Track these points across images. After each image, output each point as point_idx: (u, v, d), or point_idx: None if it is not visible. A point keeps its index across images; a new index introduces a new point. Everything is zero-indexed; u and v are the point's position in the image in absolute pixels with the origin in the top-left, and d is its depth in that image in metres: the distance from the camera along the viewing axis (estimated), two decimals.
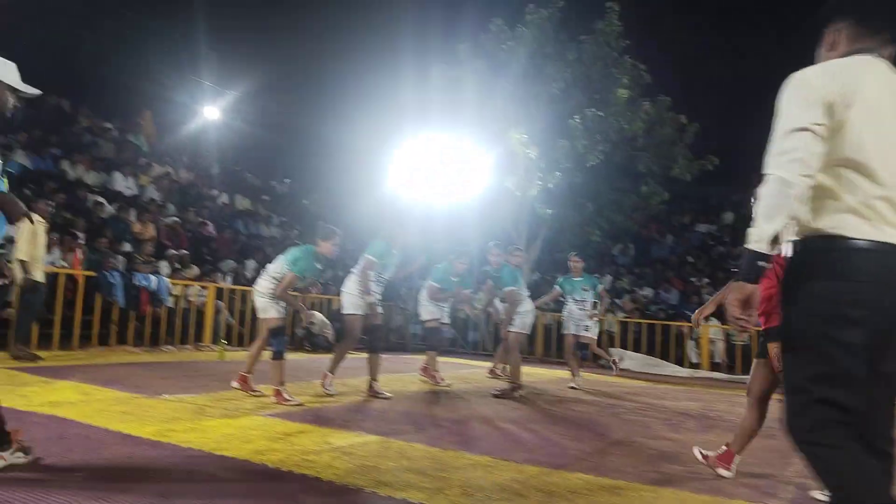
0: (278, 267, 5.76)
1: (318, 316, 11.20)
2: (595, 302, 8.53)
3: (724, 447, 3.85)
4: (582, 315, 8.42)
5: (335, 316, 9.81)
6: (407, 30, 16.10)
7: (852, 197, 1.83)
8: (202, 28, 18.61)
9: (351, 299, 6.32)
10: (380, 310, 6.52)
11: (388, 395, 6.30)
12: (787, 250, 1.95)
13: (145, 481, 3.00)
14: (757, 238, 1.80)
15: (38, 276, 7.46)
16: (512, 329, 7.24)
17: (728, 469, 3.79)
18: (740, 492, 3.52)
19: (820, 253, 1.86)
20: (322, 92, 19.66)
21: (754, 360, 3.83)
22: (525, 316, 7.28)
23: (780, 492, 3.61)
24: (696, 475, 3.83)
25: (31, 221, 3.40)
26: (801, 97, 1.86)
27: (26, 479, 2.89)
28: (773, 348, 3.54)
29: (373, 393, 6.27)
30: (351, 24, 20.76)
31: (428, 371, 7.78)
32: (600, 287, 8.84)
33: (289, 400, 5.46)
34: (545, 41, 13.17)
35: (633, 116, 12.75)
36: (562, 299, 8.75)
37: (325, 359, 6.66)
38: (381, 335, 6.44)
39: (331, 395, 6.06)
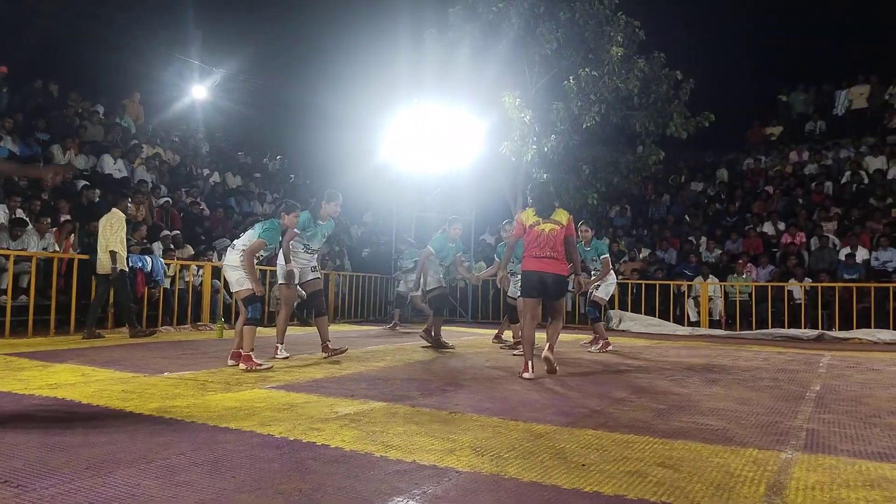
0: (245, 239, 5.92)
1: (301, 291, 11.30)
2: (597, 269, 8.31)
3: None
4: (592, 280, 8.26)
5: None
6: None
7: None
8: (188, 5, 18.27)
9: (280, 270, 6.57)
10: (314, 275, 6.74)
11: (345, 348, 6.70)
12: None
13: (149, 457, 2.94)
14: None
15: (123, 264, 8.42)
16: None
17: (529, 372, 5.50)
18: (751, 441, 3.49)
19: None
20: (311, 66, 19.39)
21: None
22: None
23: (790, 438, 3.57)
24: (705, 427, 3.79)
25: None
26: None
27: (30, 459, 2.83)
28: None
29: (329, 353, 6.50)
30: None
31: (432, 334, 7.83)
32: (603, 256, 8.45)
33: (260, 365, 5.63)
34: (537, 1, 12.92)
35: (628, 75, 12.56)
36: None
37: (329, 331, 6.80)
38: (322, 300, 6.80)
39: (302, 362, 6.13)
